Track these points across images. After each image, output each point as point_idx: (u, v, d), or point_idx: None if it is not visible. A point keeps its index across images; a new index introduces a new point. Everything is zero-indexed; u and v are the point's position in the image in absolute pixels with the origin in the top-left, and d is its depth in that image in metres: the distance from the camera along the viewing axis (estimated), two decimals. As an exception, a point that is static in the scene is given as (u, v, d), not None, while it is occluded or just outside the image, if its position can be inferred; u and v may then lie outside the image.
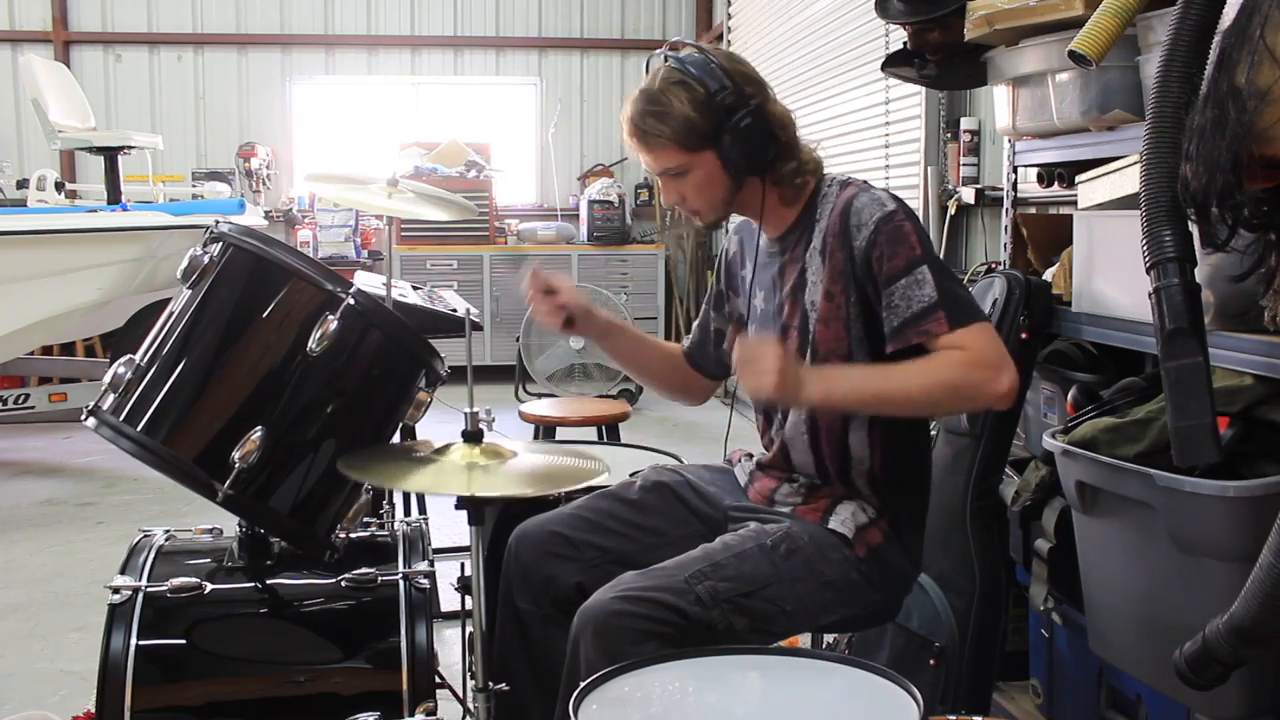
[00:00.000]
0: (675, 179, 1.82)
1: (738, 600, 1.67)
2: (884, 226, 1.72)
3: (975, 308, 1.72)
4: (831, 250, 1.78)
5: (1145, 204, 1.48)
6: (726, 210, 1.87)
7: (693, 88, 1.75)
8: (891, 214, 1.73)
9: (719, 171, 1.79)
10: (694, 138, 1.76)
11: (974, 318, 1.69)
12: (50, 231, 4.56)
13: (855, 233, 1.75)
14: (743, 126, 1.75)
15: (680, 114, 1.74)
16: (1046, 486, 2.22)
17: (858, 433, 1.81)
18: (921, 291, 1.69)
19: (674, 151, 1.78)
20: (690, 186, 1.82)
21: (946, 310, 1.67)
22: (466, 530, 1.70)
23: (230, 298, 1.87)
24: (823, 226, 1.82)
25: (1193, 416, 1.47)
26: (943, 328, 1.67)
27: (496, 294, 7.31)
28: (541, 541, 1.88)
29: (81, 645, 3.06)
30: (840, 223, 1.77)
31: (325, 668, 1.88)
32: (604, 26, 8.08)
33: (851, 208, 1.77)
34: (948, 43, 2.63)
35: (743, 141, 1.76)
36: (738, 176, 1.81)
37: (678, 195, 1.84)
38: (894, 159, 4.63)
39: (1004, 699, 2.49)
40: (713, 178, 1.80)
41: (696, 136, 1.76)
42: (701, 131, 1.75)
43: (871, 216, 1.74)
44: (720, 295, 2.07)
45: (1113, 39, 1.78)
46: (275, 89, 7.81)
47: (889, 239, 1.72)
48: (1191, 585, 1.70)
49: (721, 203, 1.84)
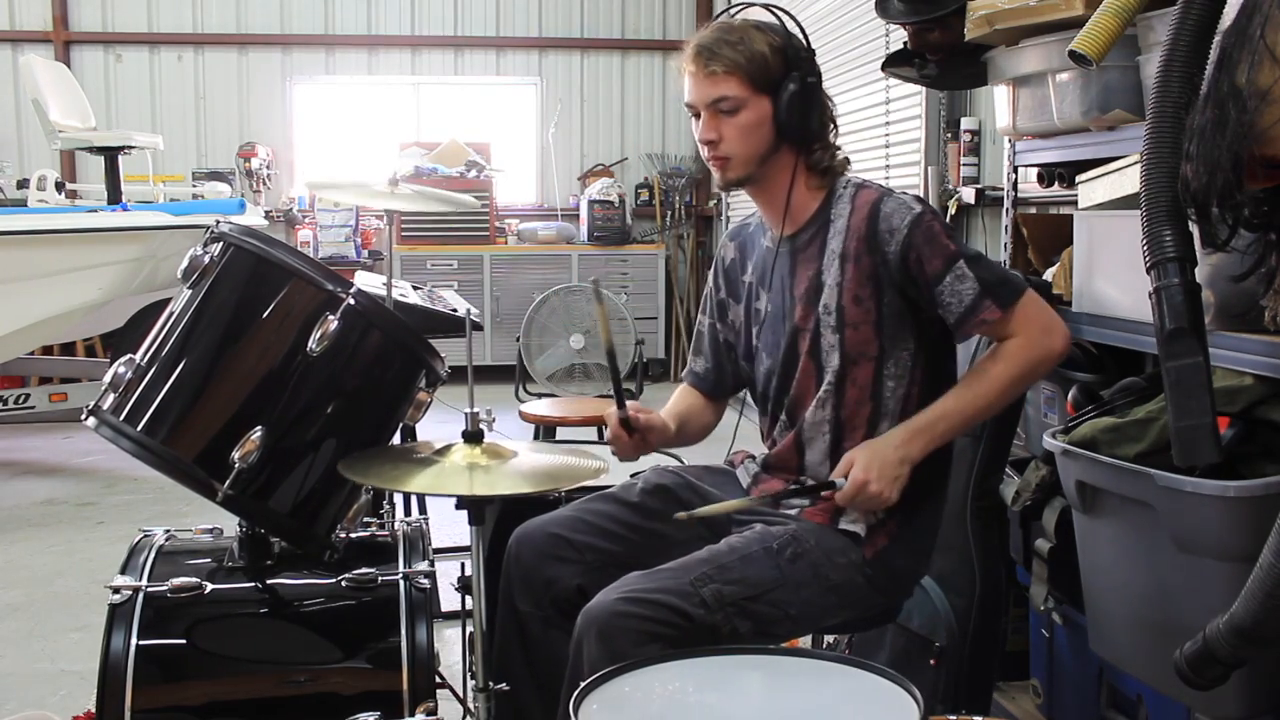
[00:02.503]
0: (722, 115, 1.79)
1: (742, 604, 1.67)
2: (916, 230, 1.76)
3: (1014, 281, 1.81)
4: (857, 254, 1.80)
5: (1145, 204, 1.48)
6: (754, 169, 1.83)
7: (771, 34, 1.79)
8: (920, 216, 1.77)
9: (769, 121, 1.79)
10: (761, 77, 1.76)
11: (1017, 293, 1.78)
12: (50, 231, 4.55)
13: (887, 238, 1.78)
14: (808, 83, 1.78)
15: (757, 49, 1.76)
16: (1046, 486, 2.22)
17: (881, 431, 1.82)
18: (964, 286, 1.76)
19: (736, 82, 1.76)
20: (734, 127, 1.79)
21: (992, 296, 1.76)
22: (466, 530, 1.70)
23: (230, 298, 1.87)
24: (840, 228, 1.82)
25: (1193, 416, 1.47)
26: (996, 313, 1.76)
27: (496, 294, 7.31)
28: (542, 543, 1.87)
29: (81, 645, 3.06)
30: (867, 227, 1.79)
31: (325, 668, 1.88)
32: (604, 26, 8.07)
33: (880, 213, 1.79)
34: (948, 43, 2.63)
35: (801, 100, 1.78)
36: (780, 137, 1.80)
37: (716, 133, 1.80)
38: (894, 159, 4.63)
39: (1004, 699, 2.49)
40: (760, 125, 1.79)
41: (764, 77, 1.77)
42: (770, 74, 1.77)
43: (903, 221, 1.77)
44: (722, 304, 2.05)
45: (1113, 39, 1.78)
46: (275, 89, 7.81)
47: (925, 241, 1.76)
48: (1191, 585, 1.70)
49: (756, 157, 1.82)
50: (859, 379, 1.83)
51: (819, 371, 1.84)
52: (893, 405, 1.84)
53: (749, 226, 2.02)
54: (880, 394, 1.83)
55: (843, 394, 1.83)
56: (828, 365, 1.83)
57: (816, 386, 1.85)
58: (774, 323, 1.91)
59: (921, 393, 1.85)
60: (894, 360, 1.83)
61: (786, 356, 1.88)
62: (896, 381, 1.84)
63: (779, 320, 1.90)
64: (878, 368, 1.83)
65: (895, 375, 1.84)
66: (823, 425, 1.86)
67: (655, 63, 8.08)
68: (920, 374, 1.85)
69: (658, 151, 8.06)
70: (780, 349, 1.89)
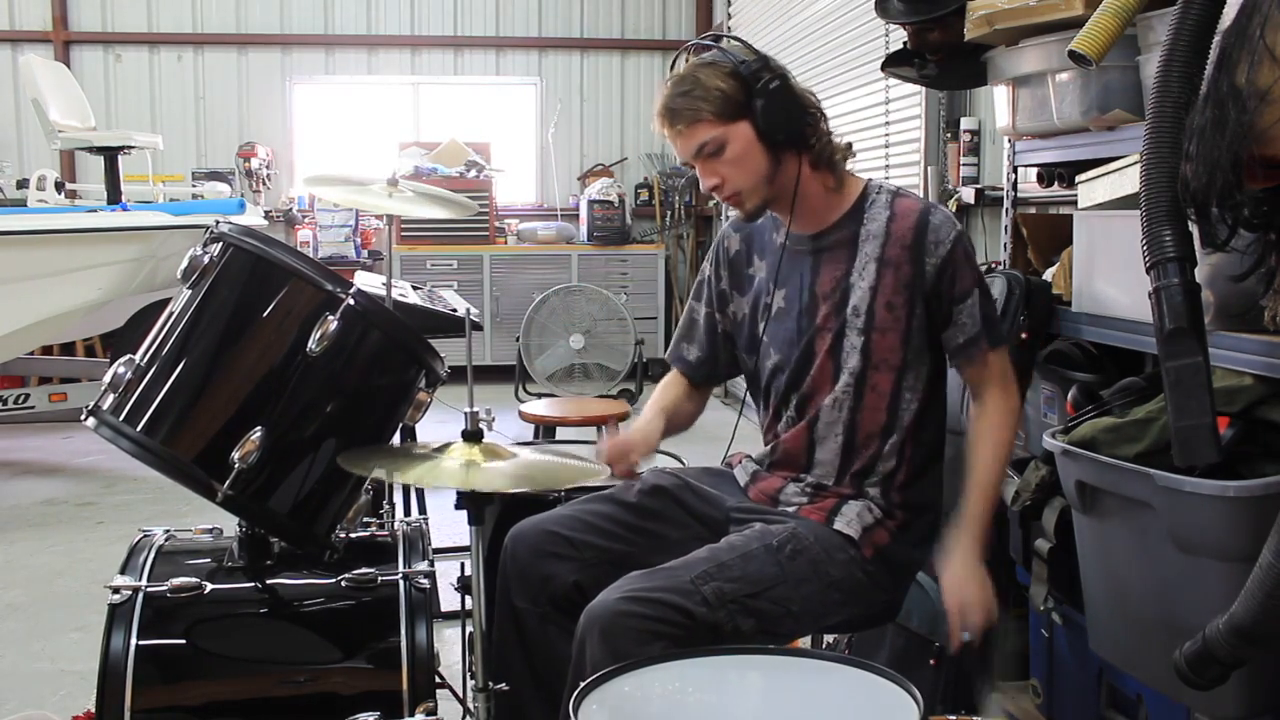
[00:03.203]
0: (712, 158, 1.79)
1: (744, 601, 1.67)
2: (959, 247, 1.82)
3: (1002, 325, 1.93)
4: (899, 262, 1.81)
5: (1145, 204, 1.48)
6: (768, 191, 1.83)
7: (719, 64, 1.78)
8: (962, 235, 1.84)
9: (755, 142, 1.78)
10: (728, 106, 1.76)
11: (1002, 339, 1.89)
12: (50, 231, 4.55)
13: (931, 249, 1.81)
14: (773, 89, 1.76)
15: (711, 85, 1.76)
16: (1046, 486, 2.22)
17: (891, 444, 1.84)
18: (978, 313, 1.84)
19: (708, 124, 1.76)
20: (728, 163, 1.79)
21: (988, 332, 1.86)
22: (466, 530, 1.70)
23: (230, 298, 1.87)
24: (876, 232, 1.83)
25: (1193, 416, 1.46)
26: (985, 350, 1.86)
27: (496, 294, 7.31)
28: (538, 540, 1.87)
29: (81, 645, 3.06)
30: (914, 236, 1.81)
31: (325, 668, 1.88)
32: (604, 26, 8.08)
33: (929, 224, 1.82)
34: (948, 43, 2.63)
35: (775, 106, 1.76)
36: (775, 149, 1.79)
37: (717, 177, 1.80)
38: (894, 159, 4.63)
39: (1004, 699, 2.49)
40: (750, 149, 1.78)
41: (730, 105, 1.76)
42: (734, 99, 1.76)
43: (949, 235, 1.82)
44: (723, 295, 2.04)
45: (1113, 39, 1.78)
46: (275, 89, 7.81)
47: (965, 258, 1.83)
48: (1191, 585, 1.70)
49: (763, 180, 1.81)
50: (880, 386, 1.84)
51: (836, 371, 1.85)
52: (905, 420, 1.85)
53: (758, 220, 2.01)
54: (897, 406, 1.85)
55: (861, 397, 1.84)
56: (845, 365, 1.84)
57: (832, 385, 1.85)
58: (789, 319, 1.90)
59: (925, 414, 1.87)
60: (914, 373, 1.85)
61: (803, 353, 1.88)
62: (912, 395, 1.85)
63: (795, 317, 1.89)
64: (898, 378, 1.84)
65: (912, 389, 1.85)
66: (836, 425, 1.86)
67: (655, 63, 8.08)
68: (927, 396, 1.87)
69: (657, 151, 8.06)
70: (796, 345, 1.89)
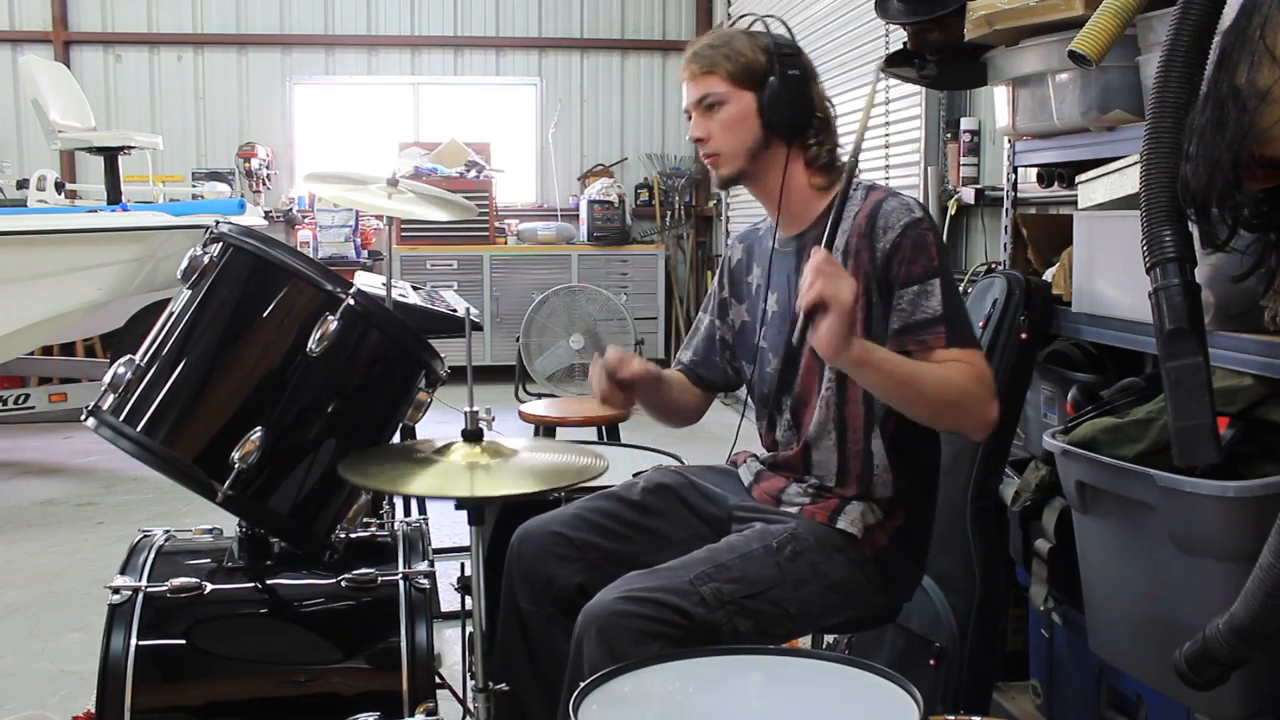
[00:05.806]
0: (708, 112, 1.84)
1: (742, 602, 1.66)
2: (910, 232, 1.75)
3: (974, 333, 1.78)
4: (857, 251, 1.79)
5: (1145, 204, 1.49)
6: (746, 164, 1.85)
7: (756, 36, 1.85)
8: (918, 221, 1.76)
9: (753, 114, 1.82)
10: (743, 74, 1.81)
11: (971, 342, 1.74)
12: (50, 231, 4.55)
13: (880, 234, 1.77)
14: (790, 76, 1.81)
15: (738, 49, 1.82)
16: (1046, 486, 2.22)
17: (877, 439, 1.82)
18: (929, 303, 1.72)
19: (718, 79, 1.82)
20: (720, 122, 1.83)
21: (947, 327, 1.71)
22: (466, 530, 1.70)
23: (230, 298, 1.87)
24: (846, 226, 1.82)
25: (1193, 416, 1.47)
26: (940, 341, 1.71)
27: (496, 294, 7.31)
28: (543, 541, 1.87)
29: (81, 645, 3.06)
30: (867, 224, 1.78)
31: (325, 668, 1.88)
32: (604, 26, 8.08)
33: (880, 210, 1.78)
34: (948, 43, 2.63)
35: (785, 91, 1.81)
36: (768, 130, 1.82)
37: (705, 131, 1.85)
38: (894, 159, 4.64)
39: (1004, 699, 2.49)
40: (745, 117, 1.82)
41: (746, 73, 1.81)
42: (753, 70, 1.81)
43: (899, 220, 1.76)
44: (724, 303, 2.05)
45: (1113, 39, 1.78)
46: (275, 89, 7.81)
47: (913, 245, 1.74)
48: (1191, 585, 1.70)
49: (745, 151, 1.84)
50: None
51: (820, 368, 1.84)
52: (878, 409, 1.81)
53: (759, 230, 2.02)
54: (874, 399, 1.81)
55: (845, 392, 1.83)
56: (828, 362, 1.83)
57: (820, 384, 1.85)
58: (780, 321, 1.91)
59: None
60: None
61: (792, 354, 1.88)
62: None
63: (785, 319, 1.89)
64: None
65: None
66: (828, 424, 1.85)
67: (655, 63, 8.09)
68: None
69: (657, 152, 8.07)
70: (784, 346, 1.89)
